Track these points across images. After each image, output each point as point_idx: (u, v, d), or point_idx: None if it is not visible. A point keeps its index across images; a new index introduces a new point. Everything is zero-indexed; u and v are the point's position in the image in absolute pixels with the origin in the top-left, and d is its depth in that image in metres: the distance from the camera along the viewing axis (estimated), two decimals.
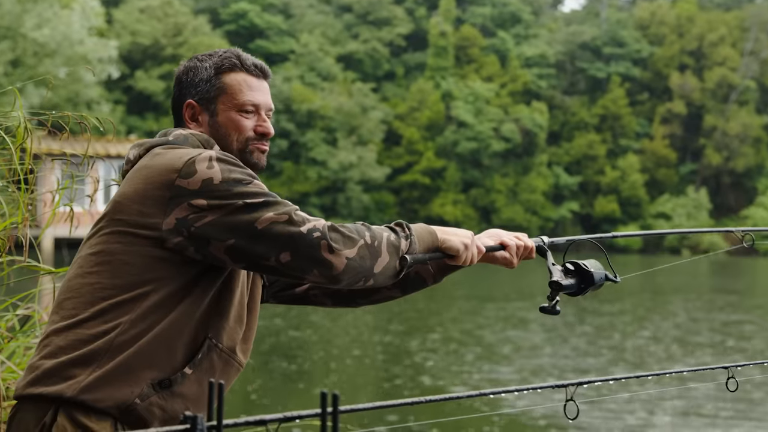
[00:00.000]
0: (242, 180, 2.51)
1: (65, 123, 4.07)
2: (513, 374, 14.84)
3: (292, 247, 2.46)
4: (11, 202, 4.00)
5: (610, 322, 22.41)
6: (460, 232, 2.82)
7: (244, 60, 2.78)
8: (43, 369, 2.49)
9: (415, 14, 74.93)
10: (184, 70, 2.80)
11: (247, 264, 2.51)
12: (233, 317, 2.63)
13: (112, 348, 2.46)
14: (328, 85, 66.54)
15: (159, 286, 2.50)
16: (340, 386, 13.57)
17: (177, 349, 2.51)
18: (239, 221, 2.46)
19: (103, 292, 2.50)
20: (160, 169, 2.54)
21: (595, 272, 3.02)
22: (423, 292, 27.09)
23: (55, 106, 40.41)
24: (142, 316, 2.48)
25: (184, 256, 2.51)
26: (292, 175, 62.77)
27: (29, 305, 4.19)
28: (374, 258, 2.55)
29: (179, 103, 2.79)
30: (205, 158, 2.52)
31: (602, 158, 71.35)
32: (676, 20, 76.46)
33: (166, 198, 2.50)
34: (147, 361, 2.48)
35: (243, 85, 2.76)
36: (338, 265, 2.48)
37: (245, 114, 2.76)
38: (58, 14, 44.37)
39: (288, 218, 2.47)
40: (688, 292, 33.50)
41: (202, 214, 2.47)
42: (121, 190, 2.59)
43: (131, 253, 2.51)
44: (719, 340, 19.27)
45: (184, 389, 2.52)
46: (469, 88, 69.40)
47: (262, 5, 70.15)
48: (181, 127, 2.77)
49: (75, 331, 2.49)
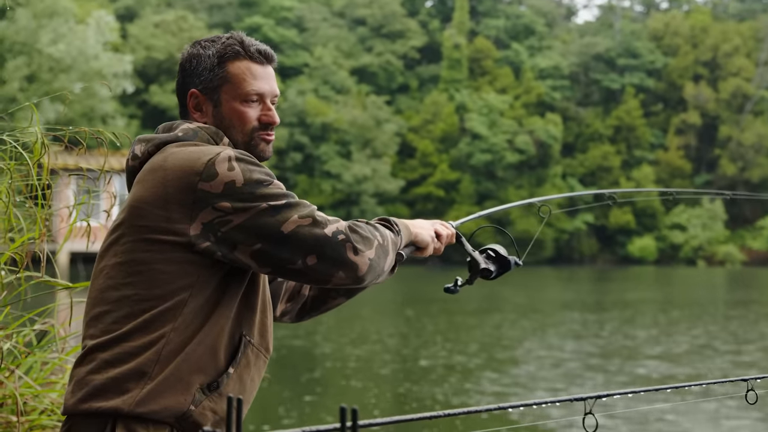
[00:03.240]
0: (263, 181, 2.49)
1: (81, 138, 4.08)
2: (532, 386, 14.79)
3: (319, 251, 2.47)
4: (28, 218, 4.01)
5: (628, 334, 22.34)
6: (426, 225, 2.93)
7: (248, 46, 2.72)
8: (94, 384, 2.48)
9: (428, 27, 75.06)
10: (187, 57, 2.75)
11: (273, 268, 2.50)
12: (260, 311, 2.64)
13: (161, 358, 2.46)
14: (342, 98, 66.65)
15: (196, 291, 2.49)
16: (354, 397, 13.55)
17: (220, 351, 2.53)
18: (264, 225, 2.46)
19: (144, 304, 2.49)
20: (179, 172, 2.50)
21: (510, 258, 3.14)
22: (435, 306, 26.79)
23: (71, 120, 40.56)
24: (184, 324, 2.48)
25: (213, 259, 2.50)
26: (307, 188, 62.86)
27: (46, 320, 4.20)
28: (386, 256, 2.60)
29: (183, 92, 2.75)
30: (224, 159, 2.49)
31: (617, 169, 71.25)
32: (690, 31, 76.36)
33: (190, 202, 2.47)
34: (195, 367, 2.49)
35: (247, 73, 2.70)
36: (362, 266, 2.51)
37: (249, 104, 2.70)
38: (74, 29, 44.60)
39: (312, 220, 2.47)
40: (705, 304, 33.37)
41: (228, 218, 2.46)
42: (138, 193, 2.55)
43: (164, 260, 2.49)
44: (736, 350, 19.19)
45: (229, 388, 2.54)
46: (483, 100, 69.42)
47: (276, 19, 70.40)
48: (186, 116, 2.74)
49: (122, 345, 2.48)
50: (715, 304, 33.10)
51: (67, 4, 45.87)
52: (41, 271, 3.91)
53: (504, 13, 78.15)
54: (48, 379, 4.09)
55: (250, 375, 2.60)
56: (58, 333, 4.16)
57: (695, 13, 79.61)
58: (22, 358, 4.03)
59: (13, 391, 3.79)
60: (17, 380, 3.87)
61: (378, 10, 72.33)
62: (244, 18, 69.60)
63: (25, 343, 4.15)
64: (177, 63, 2.82)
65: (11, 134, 3.95)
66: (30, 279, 4.00)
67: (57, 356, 4.16)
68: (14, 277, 3.98)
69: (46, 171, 4.00)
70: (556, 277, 51.81)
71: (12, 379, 3.86)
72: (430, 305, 30.08)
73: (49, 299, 4.28)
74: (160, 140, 2.63)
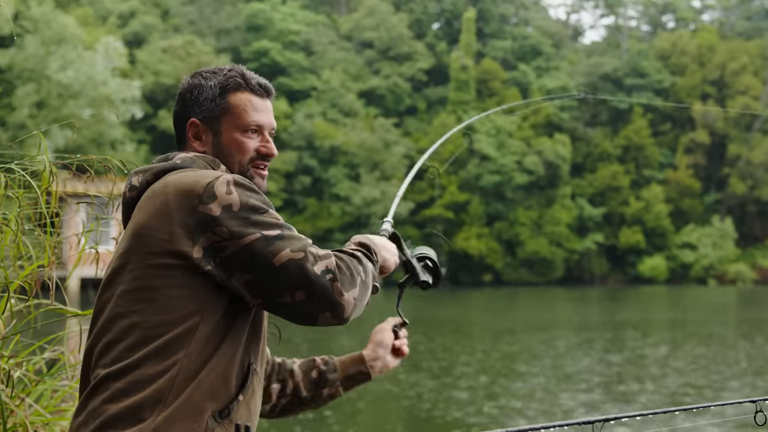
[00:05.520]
0: (259, 208, 2.49)
1: (89, 165, 4.10)
2: (540, 408, 14.75)
3: (307, 288, 2.44)
4: (37, 245, 4.02)
5: (640, 355, 22.26)
6: (389, 247, 2.85)
7: (249, 79, 2.77)
8: (108, 414, 2.46)
9: (435, 49, 75.23)
10: (188, 87, 2.80)
11: (263, 300, 2.48)
12: (263, 339, 2.66)
13: (175, 385, 2.46)
14: (350, 121, 66.76)
15: (206, 317, 2.49)
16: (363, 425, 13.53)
17: (231, 378, 2.53)
18: (257, 255, 2.44)
19: (154, 330, 2.48)
20: (181, 195, 2.50)
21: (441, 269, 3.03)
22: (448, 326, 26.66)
23: (80, 147, 40.68)
24: (197, 350, 2.48)
25: (217, 283, 2.50)
26: (316, 211, 62.87)
27: (56, 348, 4.21)
28: (367, 292, 2.57)
29: (182, 120, 2.78)
30: (223, 182, 2.49)
31: (626, 189, 71.19)
32: (697, 50, 76.41)
33: (192, 225, 2.47)
34: (208, 394, 2.48)
35: (248, 105, 2.74)
36: (348, 306, 2.48)
37: (249, 134, 2.74)
38: (82, 56, 44.84)
39: (304, 255, 2.44)
40: (715, 324, 33.25)
41: (224, 245, 2.46)
42: (140, 220, 2.54)
43: (172, 285, 2.49)
44: (745, 371, 19.11)
45: (239, 415, 2.53)
46: (492, 121, 69.48)
47: (284, 43, 70.60)
48: (184, 144, 2.77)
49: (134, 373, 2.47)
50: (726, 324, 32.98)
51: (75, 31, 46.14)
52: (51, 299, 3.93)
53: (511, 34, 78.31)
54: (58, 407, 4.09)
55: (255, 402, 2.61)
56: (68, 360, 4.16)
57: (702, 32, 79.66)
58: (33, 386, 4.04)
59: (24, 420, 3.80)
60: (28, 408, 3.87)
61: (385, 33, 72.53)
62: (252, 42, 69.81)
63: (35, 371, 4.16)
64: None
65: (20, 163, 3.97)
66: (39, 306, 4.01)
67: (67, 384, 4.16)
68: (24, 305, 3.99)
69: (54, 198, 4.02)
70: (565, 298, 51.69)
71: (22, 408, 3.87)
72: (440, 331, 30.00)
73: (59, 327, 4.30)
74: (159, 169, 2.64)
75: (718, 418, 12.57)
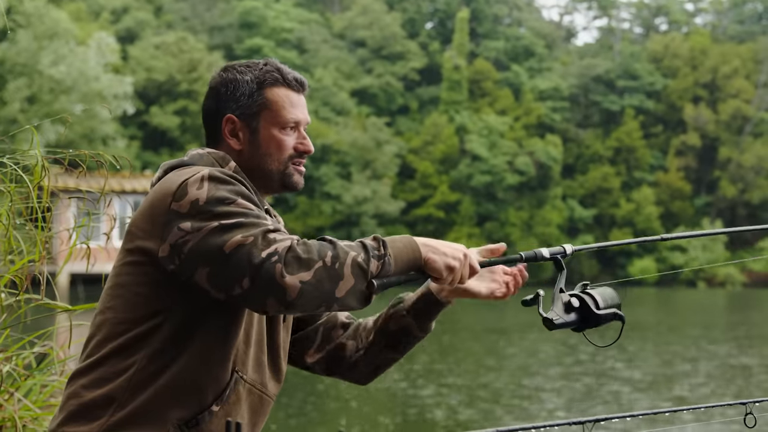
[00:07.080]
0: (225, 199, 2.37)
1: (81, 160, 4.09)
2: (534, 410, 14.77)
3: (251, 274, 2.26)
4: (28, 240, 4.02)
5: (627, 357, 22.29)
6: (449, 250, 2.49)
7: (286, 74, 2.67)
8: (69, 409, 2.43)
9: (428, 48, 75.22)
10: (222, 81, 2.67)
11: (225, 294, 2.33)
12: (255, 345, 2.53)
13: (131, 386, 2.38)
14: (342, 119, 66.75)
15: (171, 316, 2.40)
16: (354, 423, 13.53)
17: (203, 385, 2.41)
18: (211, 245, 2.32)
19: (119, 327, 2.42)
20: (160, 194, 2.45)
21: (603, 314, 2.67)
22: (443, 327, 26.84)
23: (72, 142, 40.63)
24: (159, 350, 2.39)
25: (184, 282, 2.40)
26: (307, 209, 62.83)
27: (46, 343, 4.20)
28: (335, 281, 2.29)
29: (216, 117, 2.66)
30: (197, 179, 2.40)
31: (617, 191, 71.26)
32: (689, 53, 76.52)
33: (162, 223, 2.40)
34: (172, 400, 2.38)
35: (286, 101, 2.65)
36: (292, 290, 2.25)
37: (287, 131, 2.64)
38: (74, 51, 44.72)
39: (253, 240, 2.28)
40: (705, 326, 33.32)
41: (186, 239, 2.35)
42: (133, 216, 2.51)
43: (138, 283, 2.43)
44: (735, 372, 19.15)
45: (212, 427, 2.42)
46: (483, 121, 69.51)
47: (277, 41, 70.55)
48: (217, 141, 2.66)
49: (98, 370, 2.42)
50: (715, 326, 33.05)
51: (68, 26, 46.02)
52: (41, 294, 3.92)
53: (504, 35, 78.32)
54: (47, 402, 4.08)
55: (239, 413, 2.48)
56: (57, 355, 4.16)
57: (694, 35, 79.78)
58: (22, 380, 4.03)
59: (13, 414, 3.79)
60: (16, 403, 3.87)
61: (378, 32, 72.49)
62: (245, 40, 69.73)
63: (24, 366, 4.15)
64: (177, 84, 2.81)
65: (12, 157, 3.96)
66: (30, 301, 4.00)
67: (56, 379, 4.15)
68: (14, 299, 3.99)
69: (46, 193, 4.02)
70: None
71: (11, 402, 3.86)
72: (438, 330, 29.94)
73: (48, 321, 4.29)
74: (168, 166, 2.60)
75: (708, 419, 12.60)
